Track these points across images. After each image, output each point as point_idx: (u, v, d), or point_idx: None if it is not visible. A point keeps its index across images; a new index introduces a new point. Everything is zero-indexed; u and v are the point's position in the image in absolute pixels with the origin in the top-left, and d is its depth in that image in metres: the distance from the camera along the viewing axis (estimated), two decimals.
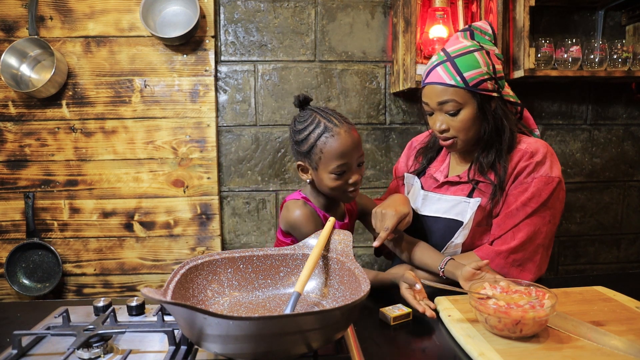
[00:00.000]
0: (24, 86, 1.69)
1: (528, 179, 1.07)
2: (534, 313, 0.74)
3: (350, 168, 1.07)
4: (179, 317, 0.63)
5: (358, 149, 1.08)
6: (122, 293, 1.83)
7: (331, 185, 1.07)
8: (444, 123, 1.10)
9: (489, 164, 1.11)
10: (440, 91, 1.07)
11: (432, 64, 1.10)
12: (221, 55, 1.82)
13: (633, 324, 0.81)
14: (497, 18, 1.64)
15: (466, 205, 1.12)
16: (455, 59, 1.06)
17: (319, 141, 1.05)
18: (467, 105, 1.07)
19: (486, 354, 0.71)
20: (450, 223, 1.14)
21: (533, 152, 1.09)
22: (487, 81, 1.07)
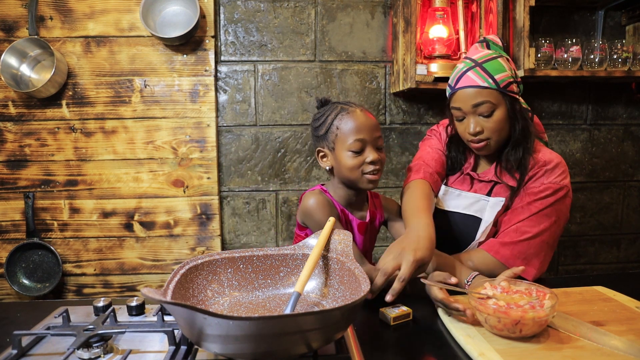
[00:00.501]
0: (24, 86, 1.69)
1: (536, 184, 1.10)
2: (533, 313, 0.74)
3: (367, 145, 1.06)
4: (179, 317, 0.63)
5: (375, 129, 1.08)
6: (122, 293, 1.83)
7: (349, 164, 1.06)
8: (478, 125, 1.11)
9: (517, 161, 1.13)
10: (474, 94, 1.10)
11: (461, 71, 1.13)
12: (221, 55, 1.82)
13: (633, 324, 0.81)
14: (497, 18, 1.64)
15: (485, 203, 1.15)
16: (484, 64, 1.10)
17: (335, 120, 1.08)
18: (499, 106, 1.10)
19: (486, 354, 0.71)
20: (468, 219, 1.16)
21: (546, 161, 1.12)
22: (513, 84, 1.11)
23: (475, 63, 1.12)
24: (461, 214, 1.18)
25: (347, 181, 1.10)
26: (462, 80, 1.12)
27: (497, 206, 1.13)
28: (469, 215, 1.17)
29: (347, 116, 1.07)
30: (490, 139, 1.12)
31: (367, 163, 1.06)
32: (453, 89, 1.15)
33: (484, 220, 1.14)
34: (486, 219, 1.13)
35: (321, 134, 1.11)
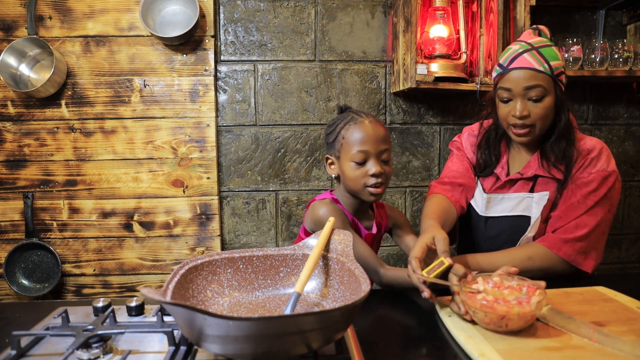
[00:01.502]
0: (23, 86, 1.69)
1: (584, 174, 1.10)
2: (519, 309, 0.75)
3: (370, 157, 1.06)
4: (178, 317, 0.63)
5: (381, 142, 1.07)
6: (121, 293, 1.82)
7: (351, 175, 1.06)
8: (526, 109, 1.10)
9: (561, 152, 1.12)
10: (529, 76, 1.08)
11: (516, 52, 1.11)
12: (221, 55, 1.82)
13: (634, 325, 0.80)
14: (497, 18, 1.64)
15: (530, 200, 1.14)
16: (540, 49, 1.09)
17: (342, 129, 1.08)
18: (550, 93, 1.09)
19: (486, 354, 0.71)
20: (517, 221, 1.16)
21: (589, 149, 1.12)
22: (563, 74, 1.11)
23: (531, 46, 1.09)
24: (509, 217, 1.17)
25: (351, 191, 1.11)
26: (517, 61, 1.10)
27: (543, 200, 1.12)
28: (516, 216, 1.16)
29: (354, 126, 1.07)
30: (535, 126, 1.11)
31: (369, 175, 1.05)
32: (505, 69, 1.12)
33: (533, 217, 1.13)
34: (534, 215, 1.13)
35: (330, 141, 1.12)
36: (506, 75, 1.12)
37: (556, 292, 0.96)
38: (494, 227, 1.20)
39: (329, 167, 1.15)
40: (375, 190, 1.06)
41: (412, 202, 1.95)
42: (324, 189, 1.89)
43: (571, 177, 1.11)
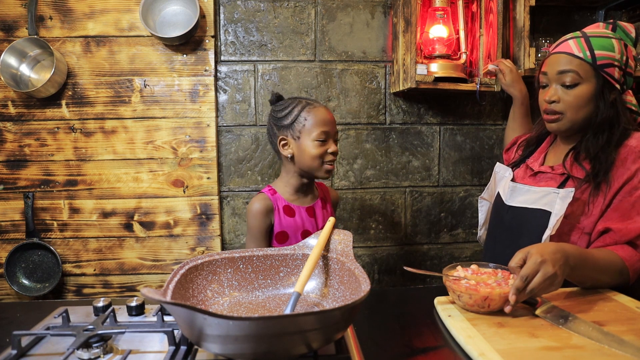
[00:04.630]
0: (24, 86, 1.69)
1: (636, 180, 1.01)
2: (500, 289, 0.84)
3: (329, 138, 1.22)
4: (178, 317, 0.63)
5: (335, 124, 1.25)
6: (121, 293, 1.82)
7: (313, 152, 1.20)
8: (556, 94, 1.07)
9: (595, 149, 1.05)
10: (564, 60, 1.05)
11: (565, 38, 1.08)
12: (221, 55, 1.82)
13: (633, 324, 0.81)
14: (497, 18, 1.64)
15: (555, 196, 1.07)
16: (590, 37, 1.05)
17: (302, 112, 1.22)
18: (586, 82, 1.04)
19: (486, 354, 0.71)
20: (537, 213, 1.09)
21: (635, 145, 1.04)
22: (616, 68, 1.04)
23: (583, 35, 1.06)
24: (529, 209, 1.12)
25: (307, 169, 1.23)
26: (560, 46, 1.08)
27: (568, 197, 1.04)
28: (537, 209, 1.10)
29: (315, 110, 1.22)
30: (564, 114, 1.07)
31: (328, 153, 1.22)
32: (548, 53, 1.11)
33: (554, 214, 1.05)
34: (556, 211, 1.05)
35: (287, 123, 1.23)
36: (547, 59, 1.10)
37: (556, 292, 0.96)
38: (516, 220, 1.15)
39: (282, 148, 1.26)
40: (330, 167, 1.23)
41: (412, 202, 1.95)
42: None
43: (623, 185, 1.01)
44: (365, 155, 1.90)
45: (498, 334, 0.78)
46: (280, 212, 1.24)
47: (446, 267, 0.95)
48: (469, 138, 1.95)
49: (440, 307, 0.91)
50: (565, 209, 1.03)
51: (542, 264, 0.84)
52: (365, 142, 1.89)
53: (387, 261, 1.97)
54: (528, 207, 1.12)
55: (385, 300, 1.02)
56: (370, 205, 1.93)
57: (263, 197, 1.25)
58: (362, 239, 1.94)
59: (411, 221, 1.96)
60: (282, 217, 1.24)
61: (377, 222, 1.94)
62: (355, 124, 1.88)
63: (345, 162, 1.90)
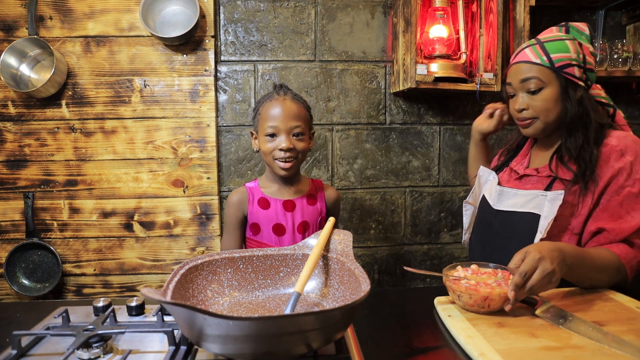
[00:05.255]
0: (24, 86, 1.69)
1: (629, 182, 1.02)
2: (499, 289, 0.84)
3: (280, 133, 1.16)
4: (178, 317, 0.63)
5: (292, 118, 1.17)
6: (121, 293, 1.82)
7: (264, 148, 1.19)
8: (524, 102, 1.10)
9: (576, 150, 1.07)
10: (525, 69, 1.09)
11: (521, 48, 1.13)
12: (221, 55, 1.82)
13: (633, 324, 0.81)
14: (497, 18, 1.64)
15: (543, 199, 1.08)
16: (544, 43, 1.09)
17: (260, 105, 1.21)
18: (549, 85, 1.08)
19: (486, 354, 0.71)
20: (526, 217, 1.10)
21: (623, 149, 1.04)
22: (575, 67, 1.07)
23: (537, 41, 1.10)
24: (519, 213, 1.13)
25: (267, 164, 1.23)
26: (518, 56, 1.12)
27: (557, 200, 1.05)
28: (526, 212, 1.11)
29: (268, 103, 1.18)
30: (537, 119, 1.10)
31: (278, 149, 1.16)
32: (510, 65, 1.15)
33: (543, 216, 1.06)
34: (545, 214, 1.06)
35: (253, 117, 1.24)
36: (509, 70, 1.15)
37: (556, 292, 0.96)
38: (505, 224, 1.16)
39: (253, 142, 1.27)
40: (284, 165, 1.18)
41: (412, 202, 1.95)
42: None
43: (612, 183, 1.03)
44: (365, 155, 1.90)
45: (498, 334, 0.78)
46: (254, 204, 1.24)
47: (446, 267, 0.95)
48: (469, 138, 1.94)
49: (440, 307, 0.91)
50: (555, 211, 1.04)
51: (541, 261, 0.85)
52: (365, 142, 1.89)
53: (387, 261, 1.97)
54: (517, 210, 1.14)
55: (385, 300, 1.02)
56: (370, 205, 1.93)
57: (239, 190, 1.27)
58: (362, 239, 1.94)
59: (411, 221, 1.96)
60: (254, 209, 1.23)
61: (377, 222, 1.94)
62: (355, 124, 1.88)
63: (345, 162, 1.90)
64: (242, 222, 1.26)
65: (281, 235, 1.23)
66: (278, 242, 1.23)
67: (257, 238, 1.25)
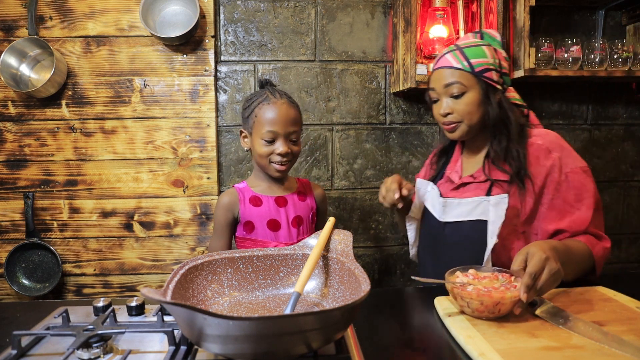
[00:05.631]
0: (24, 86, 1.69)
1: (562, 177, 1.09)
2: (510, 294, 0.81)
3: (278, 138, 1.17)
4: (178, 317, 0.63)
5: (291, 123, 1.18)
6: (121, 293, 1.82)
7: (260, 151, 1.18)
8: (448, 106, 1.14)
9: (502, 151, 1.13)
10: (447, 74, 1.13)
11: (442, 54, 1.16)
12: (221, 55, 1.82)
13: (633, 324, 0.81)
14: (497, 18, 1.64)
15: (487, 204, 1.12)
16: (464, 49, 1.13)
17: (256, 107, 1.18)
18: (472, 89, 1.12)
19: (486, 354, 0.71)
20: (474, 224, 1.13)
21: (549, 147, 1.12)
22: (493, 71, 1.12)
23: (457, 47, 1.15)
24: (466, 222, 1.15)
25: (259, 165, 1.23)
26: (439, 61, 1.16)
27: (502, 203, 1.09)
28: (474, 220, 1.14)
29: (267, 106, 1.16)
30: (461, 122, 1.14)
31: (276, 154, 1.17)
32: (432, 70, 1.18)
33: (491, 221, 1.10)
34: (492, 219, 1.09)
35: (245, 116, 1.22)
36: (431, 76, 1.18)
37: (556, 292, 0.96)
38: (454, 234, 1.17)
39: (242, 141, 1.26)
40: (280, 167, 1.19)
41: None
42: (324, 189, 1.89)
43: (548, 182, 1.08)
44: (365, 155, 1.90)
45: (498, 333, 0.78)
46: (245, 203, 1.23)
47: (447, 273, 0.92)
48: None
49: (440, 307, 0.91)
50: (503, 215, 1.07)
51: (547, 261, 0.85)
52: (365, 142, 1.89)
53: (387, 261, 1.97)
54: (464, 220, 1.16)
55: (385, 300, 1.02)
56: (370, 205, 1.93)
57: (229, 192, 1.26)
58: (362, 239, 1.94)
59: None
60: (247, 207, 1.22)
61: (377, 222, 1.94)
62: (355, 124, 1.88)
63: (345, 162, 1.90)
64: (231, 224, 1.25)
65: (276, 231, 1.23)
66: (274, 238, 1.23)
67: (251, 236, 1.24)
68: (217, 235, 1.26)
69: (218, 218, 1.24)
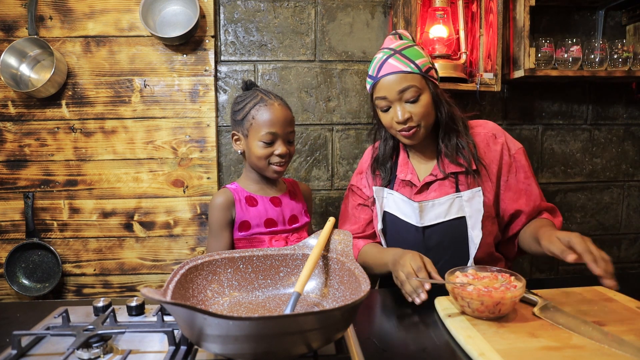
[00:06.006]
0: (24, 86, 1.69)
1: (511, 159, 1.18)
2: (511, 293, 0.82)
3: (277, 139, 1.16)
4: (178, 317, 0.63)
5: (288, 124, 1.18)
6: (121, 293, 1.82)
7: (259, 153, 1.16)
8: (406, 112, 1.10)
9: (454, 148, 1.15)
10: (399, 79, 1.09)
11: (381, 60, 1.13)
12: (221, 55, 1.82)
13: (633, 324, 0.81)
14: (497, 18, 1.64)
15: (460, 200, 1.13)
16: (402, 51, 1.11)
17: (252, 109, 1.16)
18: (424, 90, 1.11)
19: (486, 354, 0.71)
20: (453, 224, 1.13)
21: (494, 133, 1.19)
22: (432, 69, 1.13)
23: (394, 51, 1.12)
24: (445, 223, 1.14)
25: (255, 167, 1.21)
26: (383, 68, 1.11)
27: (477, 196, 1.10)
28: (452, 220, 1.13)
29: (264, 108, 1.15)
30: (420, 125, 1.12)
31: (275, 155, 1.17)
32: (375, 78, 1.13)
33: (468, 216, 1.10)
34: (469, 214, 1.10)
35: (239, 118, 1.19)
36: (378, 84, 1.13)
37: (556, 292, 0.97)
38: (434, 236, 1.16)
39: (234, 143, 1.24)
40: (278, 169, 1.18)
41: None
42: (324, 189, 1.89)
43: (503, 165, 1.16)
44: None
45: (498, 333, 0.78)
46: (242, 203, 1.21)
47: (447, 273, 0.92)
48: None
49: (440, 307, 0.91)
50: (481, 208, 1.10)
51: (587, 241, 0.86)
52: (365, 142, 1.89)
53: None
54: (442, 221, 1.15)
55: (385, 300, 1.03)
56: None
57: (223, 191, 1.22)
58: None
59: None
60: (243, 207, 1.21)
61: None
62: (355, 124, 1.88)
63: (345, 162, 1.90)
64: (230, 224, 1.22)
65: (273, 230, 1.22)
66: (270, 236, 1.22)
67: (246, 235, 1.22)
68: (214, 237, 1.22)
69: (215, 219, 1.21)
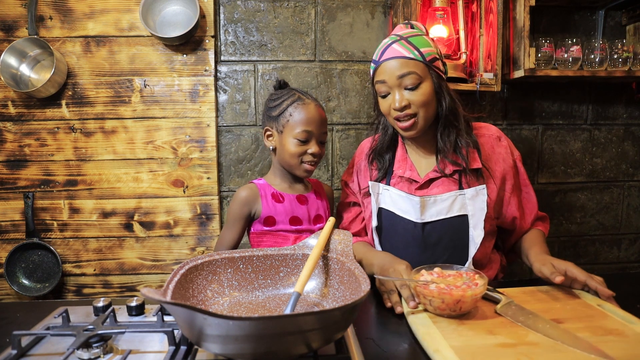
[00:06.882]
0: (24, 86, 1.69)
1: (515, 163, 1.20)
2: (471, 292, 0.82)
3: (312, 138, 1.18)
4: (178, 317, 0.63)
5: (323, 125, 1.20)
6: (121, 293, 1.82)
7: (292, 150, 1.18)
8: (404, 99, 1.08)
9: (452, 145, 1.12)
10: (400, 64, 1.07)
11: (386, 44, 1.11)
12: (221, 55, 1.82)
13: (591, 322, 0.81)
14: (497, 18, 1.64)
15: (463, 198, 1.11)
16: (409, 38, 1.09)
17: (290, 107, 1.18)
18: (426, 79, 1.08)
19: (441, 350, 0.72)
20: (455, 222, 1.12)
21: (497, 135, 1.20)
22: (439, 60, 1.11)
23: (400, 37, 1.10)
24: (446, 220, 1.13)
25: (285, 165, 1.23)
26: (387, 52, 1.10)
27: (482, 194, 1.08)
28: (454, 217, 1.12)
29: (302, 106, 1.17)
30: (418, 115, 1.09)
31: (308, 153, 1.19)
32: (377, 62, 1.12)
33: (471, 215, 1.09)
34: (472, 212, 1.09)
35: (274, 115, 1.21)
36: (379, 68, 1.11)
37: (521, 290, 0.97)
38: (433, 234, 1.14)
39: (266, 139, 1.26)
40: (309, 167, 1.20)
41: None
42: None
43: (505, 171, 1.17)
44: None
45: (457, 331, 0.79)
46: (268, 199, 1.23)
47: (412, 271, 0.93)
48: None
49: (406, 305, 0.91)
50: (484, 206, 1.09)
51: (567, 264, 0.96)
52: None
53: None
54: (444, 217, 1.13)
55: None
56: None
57: (249, 186, 1.25)
58: None
59: None
60: (269, 203, 1.23)
61: None
62: (355, 124, 1.88)
63: (345, 162, 1.90)
64: (246, 219, 1.24)
65: (298, 227, 1.24)
66: (295, 233, 1.24)
67: (271, 229, 1.24)
68: (229, 227, 1.25)
69: (234, 210, 1.23)
